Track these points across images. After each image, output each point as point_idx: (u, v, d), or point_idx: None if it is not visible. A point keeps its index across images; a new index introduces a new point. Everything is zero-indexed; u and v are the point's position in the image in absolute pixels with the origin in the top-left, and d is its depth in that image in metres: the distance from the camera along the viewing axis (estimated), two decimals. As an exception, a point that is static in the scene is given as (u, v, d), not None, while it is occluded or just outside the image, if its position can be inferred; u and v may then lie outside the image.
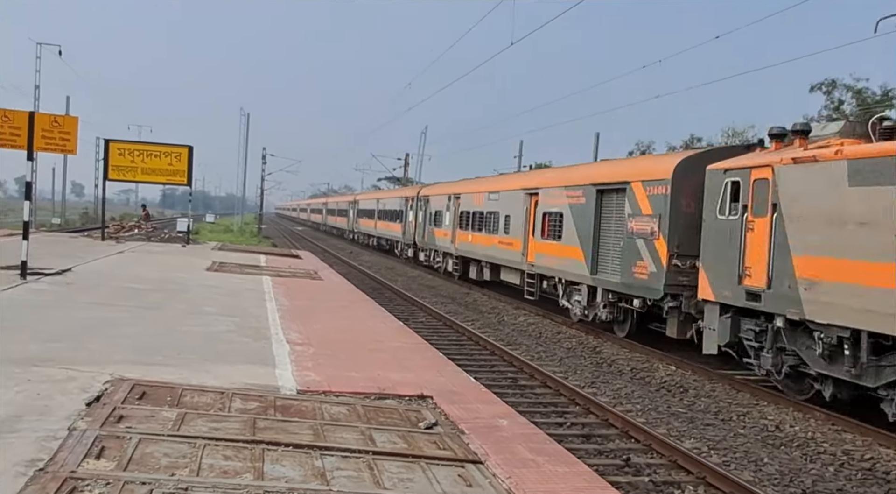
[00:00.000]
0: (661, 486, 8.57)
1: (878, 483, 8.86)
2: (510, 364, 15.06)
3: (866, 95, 38.26)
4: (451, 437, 7.63)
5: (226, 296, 17.11)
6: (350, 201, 68.47)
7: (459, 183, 35.31)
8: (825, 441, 10.27)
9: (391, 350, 12.31)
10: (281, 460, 6.45)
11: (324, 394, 9.01)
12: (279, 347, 11.57)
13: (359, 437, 7.32)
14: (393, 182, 77.99)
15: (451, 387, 9.87)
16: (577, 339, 18.13)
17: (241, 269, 24.32)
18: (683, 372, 14.40)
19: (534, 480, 6.51)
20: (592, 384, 13.47)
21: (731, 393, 12.89)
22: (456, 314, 21.76)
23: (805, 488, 8.59)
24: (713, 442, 10.20)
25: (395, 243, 45.69)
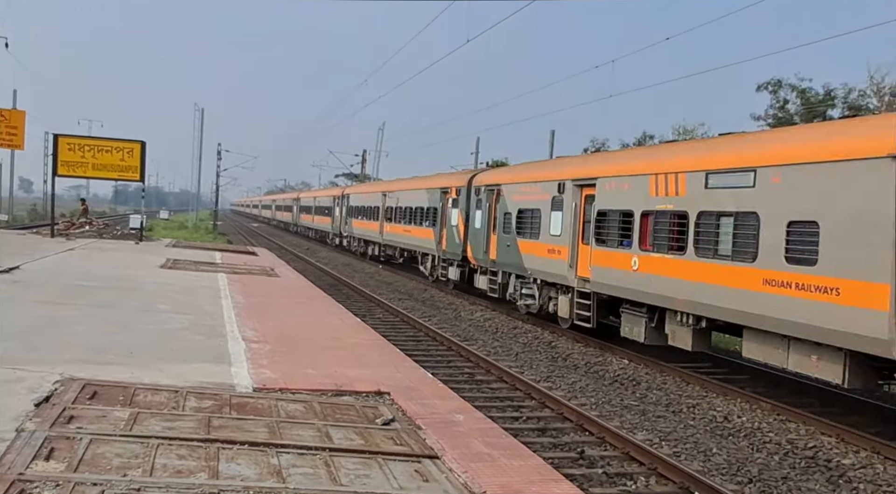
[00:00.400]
0: (614, 478, 8.74)
1: (821, 471, 9.16)
2: (467, 360, 15.17)
3: (810, 95, 39.32)
4: (408, 433, 7.68)
5: (180, 293, 16.89)
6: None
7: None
8: (771, 431, 10.58)
9: (348, 347, 12.30)
10: (236, 458, 6.43)
11: (280, 392, 8.98)
12: (235, 344, 11.49)
13: (315, 434, 7.32)
14: (351, 178, 77.56)
15: (408, 383, 9.92)
16: (533, 334, 18.33)
17: (195, 266, 24.00)
18: (636, 366, 14.67)
19: (489, 474, 6.59)
20: (548, 379, 13.65)
21: (682, 386, 13.19)
22: (413, 311, 21.80)
23: (752, 476, 8.84)
24: (664, 434, 10.43)
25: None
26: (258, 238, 60.59)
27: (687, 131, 45.93)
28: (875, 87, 36.13)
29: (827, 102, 38.33)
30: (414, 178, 37.44)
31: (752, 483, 8.65)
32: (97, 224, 41.50)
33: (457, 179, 27.77)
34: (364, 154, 69.66)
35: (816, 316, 10.14)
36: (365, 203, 42.37)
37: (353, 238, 45.14)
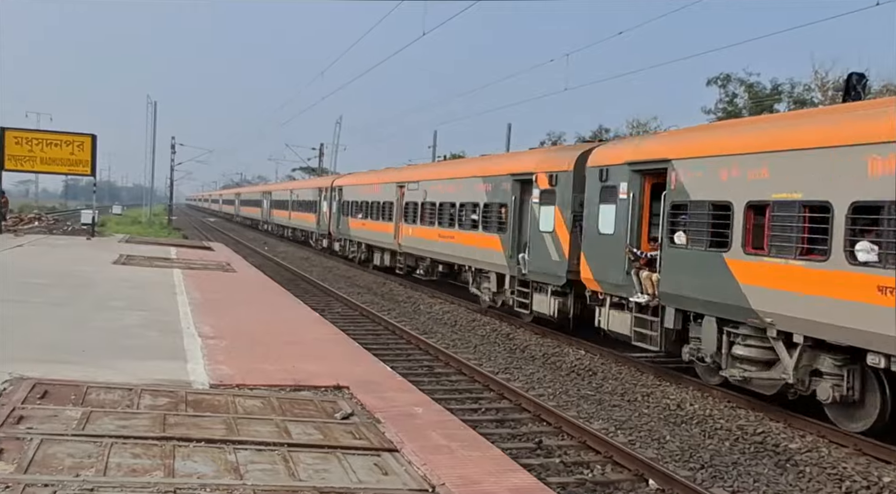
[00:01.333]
0: (570, 466, 8.89)
1: (769, 455, 9.44)
2: (426, 353, 15.23)
3: (758, 89, 40.23)
4: (368, 426, 7.71)
5: (134, 290, 16.63)
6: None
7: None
8: (721, 418, 10.85)
9: (307, 342, 12.27)
10: (192, 456, 6.38)
11: (237, 388, 8.93)
12: (191, 341, 11.37)
13: (273, 430, 7.30)
14: (307, 172, 76.89)
15: (367, 377, 9.94)
16: (491, 326, 18.47)
17: (150, 262, 23.63)
18: (592, 356, 14.89)
19: (448, 465, 6.66)
20: (506, 370, 13.78)
21: (636, 375, 13.43)
22: (372, 304, 21.79)
23: (704, 462, 9.07)
24: (619, 423, 10.63)
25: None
26: (214, 233, 59.82)
27: (640, 124, 46.63)
28: (819, 81, 37.14)
29: (774, 97, 39.26)
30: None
31: (703, 468, 8.88)
32: (46, 220, 40.55)
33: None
34: (321, 148, 69.14)
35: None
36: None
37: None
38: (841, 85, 15.74)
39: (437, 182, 24.48)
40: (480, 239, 20.30)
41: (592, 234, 14.82)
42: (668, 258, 12.37)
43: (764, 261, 10.42)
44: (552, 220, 16.48)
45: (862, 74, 12.41)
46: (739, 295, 10.78)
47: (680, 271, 12.10)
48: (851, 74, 12.23)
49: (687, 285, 11.95)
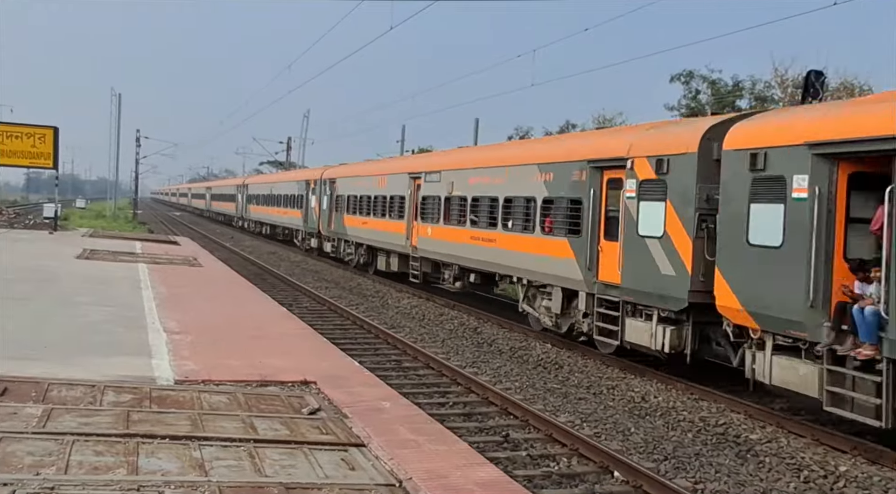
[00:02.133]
0: (537, 459, 8.97)
1: (730, 446, 9.62)
2: (394, 347, 15.24)
3: (720, 86, 40.81)
4: (335, 422, 7.72)
5: (98, 284, 16.43)
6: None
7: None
8: (685, 410, 11.03)
9: (274, 337, 12.22)
10: (157, 453, 6.35)
11: (203, 383, 8.89)
12: (155, 336, 11.28)
13: (239, 426, 7.29)
14: (275, 166, 76.26)
15: (335, 372, 9.94)
16: (459, 320, 18.53)
17: (114, 256, 23.34)
18: (558, 350, 15.02)
19: (415, 460, 6.70)
20: (473, 364, 13.85)
21: (602, 368, 13.58)
22: (340, 299, 21.73)
23: (667, 454, 9.21)
24: (585, 415, 10.75)
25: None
26: (180, 227, 59.14)
27: (606, 120, 47.04)
28: (779, 79, 37.79)
29: (735, 93, 39.86)
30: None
31: (667, 459, 9.02)
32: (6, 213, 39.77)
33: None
34: (289, 141, 68.64)
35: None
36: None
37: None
38: (800, 82, 16.00)
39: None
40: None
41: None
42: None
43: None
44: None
45: (820, 71, 12.64)
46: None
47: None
48: (810, 72, 12.45)
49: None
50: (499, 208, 17.55)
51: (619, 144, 13.76)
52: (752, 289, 10.33)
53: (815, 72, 12.41)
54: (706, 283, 11.37)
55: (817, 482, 8.46)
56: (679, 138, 12.39)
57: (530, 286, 16.46)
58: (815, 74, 12.34)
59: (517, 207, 16.86)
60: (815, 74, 12.34)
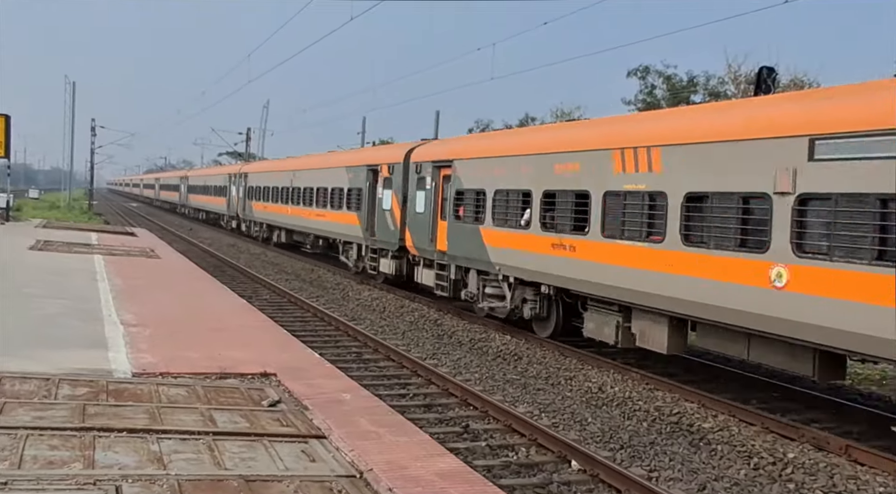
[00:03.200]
0: (496, 450, 9.09)
1: (684, 435, 9.86)
2: (355, 339, 15.25)
3: (675, 81, 41.40)
4: (295, 414, 7.73)
5: (53, 276, 16.13)
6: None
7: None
8: (640, 400, 11.25)
9: (233, 329, 12.15)
10: (114, 446, 6.30)
11: (161, 376, 8.82)
12: (112, 329, 11.13)
13: (198, 418, 7.25)
14: (234, 157, 75.36)
15: (295, 364, 9.93)
16: (420, 312, 18.60)
17: (69, 247, 22.91)
18: (517, 341, 15.18)
19: (376, 451, 6.74)
20: (434, 356, 13.93)
21: (560, 359, 13.76)
22: (300, 291, 21.63)
23: (623, 443, 9.41)
24: (544, 406, 10.91)
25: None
26: (138, 219, 58.16)
27: (564, 114, 47.42)
28: (732, 75, 38.48)
29: (690, 89, 40.48)
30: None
31: (623, 449, 9.21)
32: None
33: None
34: (248, 132, 67.84)
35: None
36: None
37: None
38: (753, 78, 16.29)
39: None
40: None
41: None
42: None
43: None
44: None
45: (772, 68, 12.92)
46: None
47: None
48: (762, 68, 12.72)
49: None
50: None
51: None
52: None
53: (766, 68, 12.70)
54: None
55: (767, 468, 8.72)
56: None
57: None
58: (767, 70, 12.63)
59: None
60: (767, 70, 12.63)
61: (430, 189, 18.92)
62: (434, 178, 18.78)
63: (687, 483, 8.21)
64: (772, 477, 8.48)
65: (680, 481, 8.26)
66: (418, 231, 19.46)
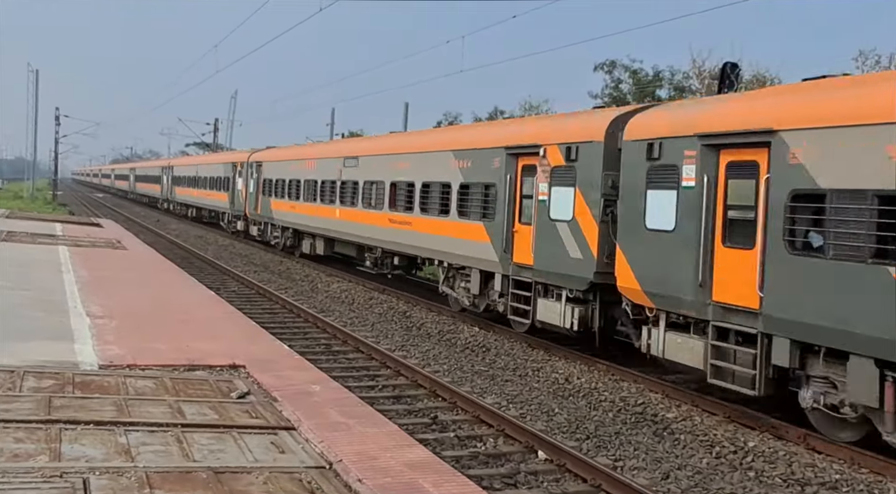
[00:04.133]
0: (465, 440, 9.19)
1: (648, 424, 10.04)
2: (323, 331, 15.26)
3: (641, 75, 41.82)
4: (264, 405, 7.74)
5: (17, 267, 15.88)
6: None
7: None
8: (606, 390, 11.43)
9: (202, 321, 12.09)
10: (80, 439, 6.28)
11: (128, 368, 8.77)
12: (78, 321, 11.03)
13: (167, 410, 7.24)
14: (202, 148, 74.48)
15: (264, 356, 9.93)
16: (388, 304, 18.63)
17: (33, 239, 22.53)
18: (486, 333, 15.29)
19: (345, 442, 6.78)
20: (403, 348, 14.00)
21: (528, 351, 13.90)
22: (269, 283, 21.54)
23: (589, 433, 9.56)
24: (511, 397, 11.03)
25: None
26: (103, 209, 57.29)
27: (533, 107, 47.63)
28: (697, 70, 38.98)
29: (655, 83, 40.91)
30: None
31: (589, 439, 9.36)
32: None
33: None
34: (216, 123, 67.14)
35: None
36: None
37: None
38: (717, 74, 16.53)
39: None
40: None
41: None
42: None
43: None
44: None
45: (735, 63, 13.17)
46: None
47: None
48: (726, 64, 12.97)
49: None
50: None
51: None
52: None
53: (730, 64, 12.94)
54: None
55: (728, 457, 8.93)
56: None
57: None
58: (731, 65, 12.87)
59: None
60: (731, 65, 12.87)
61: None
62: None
63: (651, 471, 8.39)
64: (733, 466, 8.69)
65: (644, 470, 8.43)
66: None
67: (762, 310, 9.32)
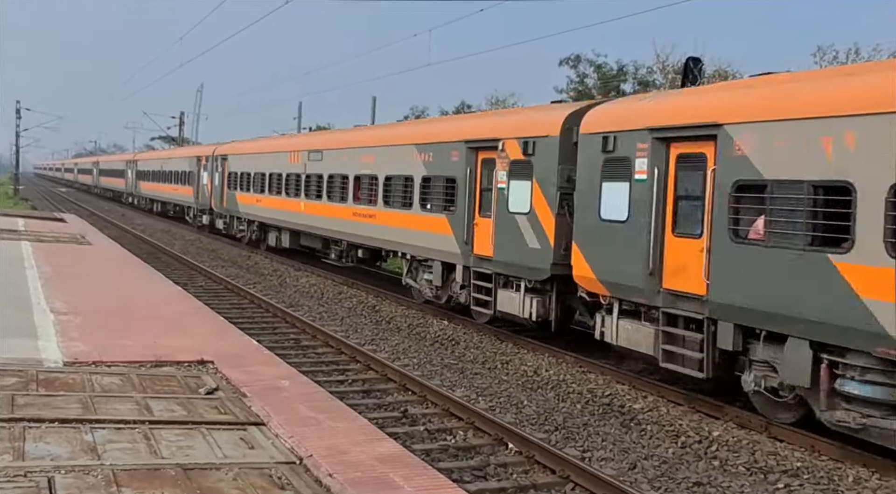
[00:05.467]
0: (435, 433, 9.24)
1: (616, 415, 10.18)
2: (293, 326, 15.20)
3: (606, 70, 42.19)
4: (233, 401, 7.70)
5: (-25, 264, 15.57)
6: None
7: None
8: (574, 382, 11.55)
9: (169, 316, 11.98)
10: (45, 437, 6.20)
11: (94, 365, 8.67)
12: (42, 317, 10.86)
13: (134, 407, 7.18)
14: (167, 142, 73.53)
15: (232, 351, 9.87)
16: (358, 298, 18.61)
17: (-8, 234, 22.09)
18: (455, 326, 15.35)
19: (315, 437, 6.78)
20: (372, 342, 14.00)
21: (497, 344, 13.99)
22: (237, 277, 21.39)
23: (557, 425, 9.67)
24: (481, 390, 11.11)
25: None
26: (66, 204, 56.32)
27: (499, 101, 47.73)
28: (661, 64, 39.45)
29: (620, 78, 41.31)
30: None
31: (557, 430, 9.47)
32: None
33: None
34: (182, 116, 66.27)
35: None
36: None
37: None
38: (680, 68, 16.71)
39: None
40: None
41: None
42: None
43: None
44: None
45: (698, 58, 13.31)
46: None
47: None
48: (689, 59, 13.13)
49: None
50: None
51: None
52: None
53: (693, 59, 13.09)
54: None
55: (693, 446, 9.09)
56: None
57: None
58: (694, 60, 13.02)
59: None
60: (694, 60, 13.02)
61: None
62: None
63: (619, 462, 8.51)
64: (698, 455, 8.85)
65: (612, 460, 8.56)
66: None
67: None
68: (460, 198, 14.98)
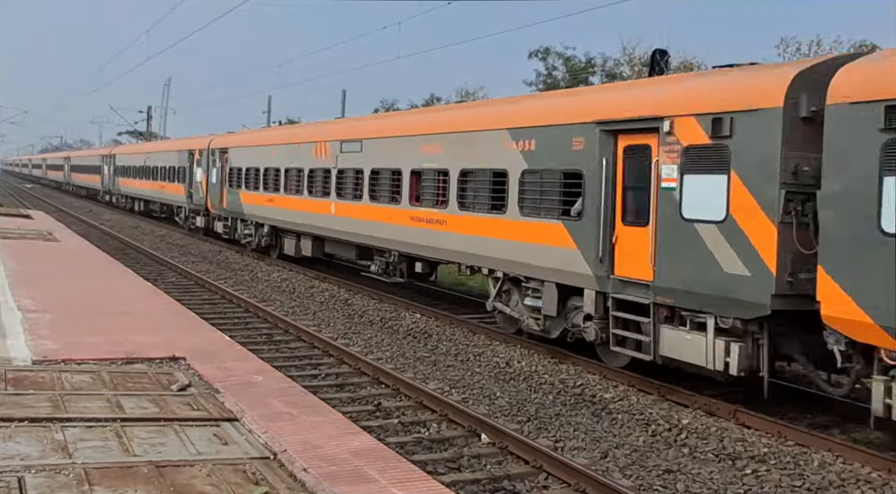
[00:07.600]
0: (408, 426, 9.29)
1: (587, 405, 10.31)
2: (265, 321, 15.14)
3: (574, 63, 42.49)
4: (206, 397, 7.69)
5: (-61, 262, 15.30)
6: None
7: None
8: (546, 373, 11.66)
9: (139, 313, 11.89)
10: (14, 436, 6.15)
11: (63, 363, 8.60)
12: (9, 315, 10.73)
13: (105, 405, 7.14)
14: (135, 136, 72.56)
15: (204, 347, 9.84)
16: (330, 292, 18.58)
17: (-44, 231, 21.72)
18: (427, 319, 15.39)
19: (289, 432, 6.80)
20: (345, 336, 14.00)
21: (469, 336, 14.06)
22: (208, 273, 21.23)
23: (530, 415, 9.77)
24: (454, 382, 11.18)
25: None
26: (33, 200, 55.37)
27: (469, 94, 47.85)
28: (628, 56, 39.83)
29: (588, 70, 41.63)
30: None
31: (530, 421, 9.57)
32: None
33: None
34: (149, 111, 65.45)
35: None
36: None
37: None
38: (647, 60, 16.90)
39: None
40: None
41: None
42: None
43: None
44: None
45: (664, 50, 13.49)
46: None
47: None
48: (655, 51, 13.30)
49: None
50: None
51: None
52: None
53: (659, 51, 13.25)
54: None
55: (663, 434, 9.24)
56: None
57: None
58: (660, 52, 13.18)
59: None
60: (660, 52, 13.18)
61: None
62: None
63: (590, 451, 8.63)
64: (668, 443, 9.01)
65: (584, 449, 8.67)
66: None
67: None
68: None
